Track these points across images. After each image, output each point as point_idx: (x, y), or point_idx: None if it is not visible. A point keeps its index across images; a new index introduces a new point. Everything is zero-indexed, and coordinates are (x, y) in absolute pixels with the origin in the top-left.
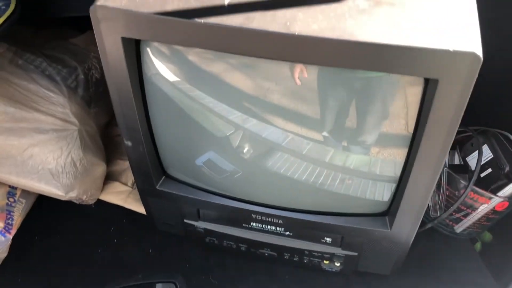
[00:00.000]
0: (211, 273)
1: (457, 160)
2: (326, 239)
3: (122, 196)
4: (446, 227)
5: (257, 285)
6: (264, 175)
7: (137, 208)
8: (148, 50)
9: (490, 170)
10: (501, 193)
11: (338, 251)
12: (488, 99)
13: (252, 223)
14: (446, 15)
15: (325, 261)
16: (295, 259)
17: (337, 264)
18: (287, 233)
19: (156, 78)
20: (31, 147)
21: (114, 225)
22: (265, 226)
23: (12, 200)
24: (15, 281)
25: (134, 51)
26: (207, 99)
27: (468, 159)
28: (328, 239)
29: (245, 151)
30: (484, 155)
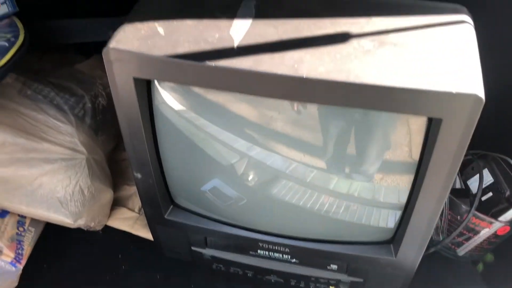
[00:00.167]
0: None
1: (458, 184)
2: (332, 266)
3: (129, 222)
4: (448, 251)
5: None
6: (269, 202)
7: (144, 234)
8: (158, 86)
9: (491, 194)
10: (502, 218)
11: (344, 277)
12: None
13: (259, 251)
14: (449, 56)
15: (331, 287)
16: (302, 285)
17: None
18: (294, 260)
19: (165, 111)
20: (40, 177)
21: (121, 251)
22: (271, 254)
23: (22, 229)
24: None
25: (145, 89)
26: (212, 128)
27: (469, 182)
28: (334, 266)
29: (249, 178)
30: (484, 179)
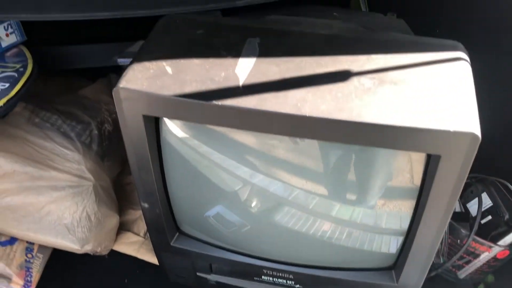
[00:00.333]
0: None
1: (458, 207)
2: None
3: (135, 246)
4: (449, 274)
5: None
6: (272, 229)
7: (150, 258)
8: (166, 121)
9: (490, 217)
10: (502, 242)
11: None
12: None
13: (263, 277)
14: (446, 94)
15: None
16: None
17: None
18: (297, 286)
19: (172, 143)
20: (48, 204)
21: (127, 276)
22: (276, 280)
23: (30, 256)
24: None
25: (154, 124)
26: (216, 156)
27: (468, 205)
28: None
29: (252, 205)
30: (483, 202)
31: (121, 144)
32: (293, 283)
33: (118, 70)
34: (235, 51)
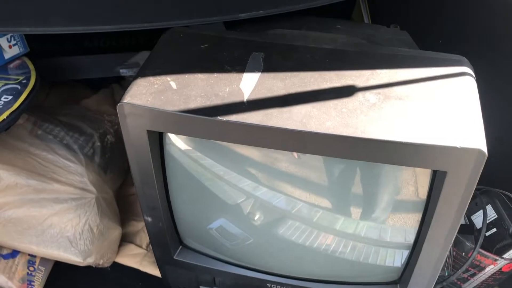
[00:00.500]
0: None
1: (462, 219)
2: None
3: (137, 259)
4: (454, 286)
5: None
6: (275, 242)
7: (152, 271)
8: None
9: (494, 229)
10: (507, 255)
11: None
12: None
13: None
14: (452, 109)
15: None
16: None
17: None
18: None
19: (176, 157)
20: (50, 216)
21: None
22: None
23: (32, 269)
24: None
25: (158, 138)
26: (220, 169)
27: (473, 217)
28: None
29: (255, 218)
30: (488, 214)
31: (123, 155)
32: None
33: (121, 80)
34: (240, 66)
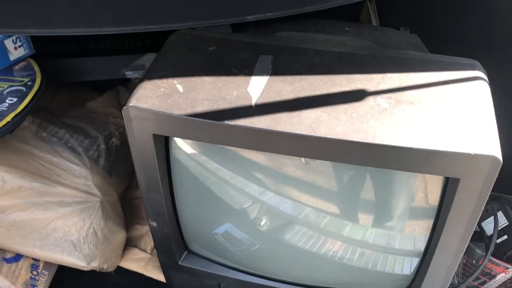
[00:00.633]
0: None
1: None
2: None
3: (142, 263)
4: None
5: None
6: (282, 248)
7: (157, 276)
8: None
9: (506, 237)
10: None
11: None
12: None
13: None
14: (465, 114)
15: None
16: None
17: None
18: None
19: (182, 161)
20: (55, 220)
21: None
22: None
23: (35, 273)
24: None
25: (164, 142)
26: (226, 173)
27: (483, 224)
28: None
29: (262, 223)
30: (499, 222)
31: (128, 158)
32: None
33: (127, 82)
34: (247, 69)
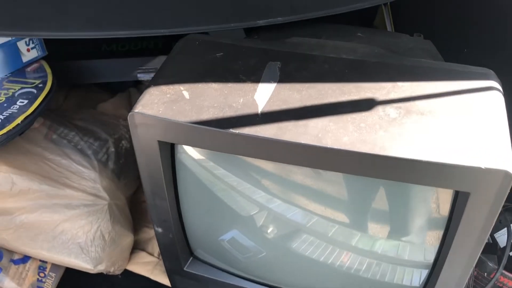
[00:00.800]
0: None
1: None
2: None
3: (149, 267)
4: None
5: None
6: (289, 256)
7: (163, 280)
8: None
9: None
10: None
11: None
12: None
13: None
14: (477, 126)
15: None
16: None
17: None
18: None
19: (187, 167)
20: (62, 222)
21: None
22: None
23: (42, 275)
24: None
25: (169, 149)
26: (232, 180)
27: (496, 235)
28: None
29: (269, 231)
30: None
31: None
32: None
33: (138, 84)
34: (255, 76)
